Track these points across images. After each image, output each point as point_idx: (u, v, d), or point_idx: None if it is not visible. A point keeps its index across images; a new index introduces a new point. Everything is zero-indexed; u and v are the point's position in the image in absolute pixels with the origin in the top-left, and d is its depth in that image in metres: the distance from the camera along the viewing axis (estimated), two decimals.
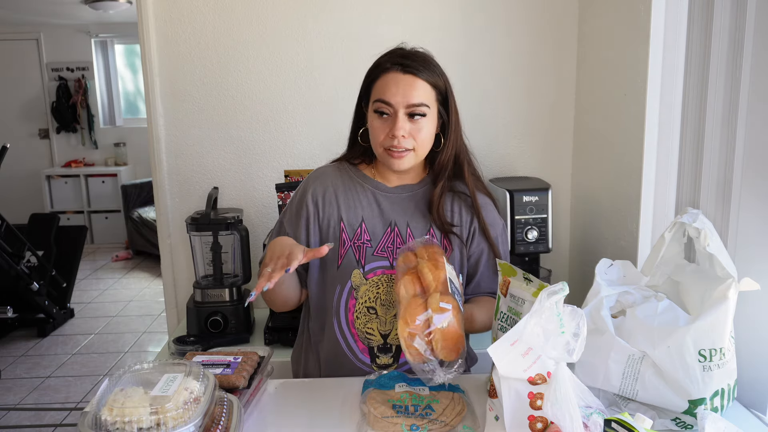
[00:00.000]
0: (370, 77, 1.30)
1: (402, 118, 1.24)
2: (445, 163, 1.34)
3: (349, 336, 1.33)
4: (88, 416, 0.86)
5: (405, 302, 1.09)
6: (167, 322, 2.14)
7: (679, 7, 1.36)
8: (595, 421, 0.93)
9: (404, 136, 1.25)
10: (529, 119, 1.99)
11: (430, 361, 1.05)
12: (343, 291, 1.32)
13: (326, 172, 1.40)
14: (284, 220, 1.39)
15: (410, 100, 1.24)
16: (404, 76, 1.24)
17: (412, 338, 1.05)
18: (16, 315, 3.79)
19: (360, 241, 1.33)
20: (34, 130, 6.41)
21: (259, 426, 1.07)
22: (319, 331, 1.37)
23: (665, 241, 1.18)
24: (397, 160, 1.28)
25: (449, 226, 1.33)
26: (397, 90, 1.24)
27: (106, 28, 6.19)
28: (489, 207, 1.38)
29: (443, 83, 1.29)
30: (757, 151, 1.17)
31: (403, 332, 1.06)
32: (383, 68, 1.27)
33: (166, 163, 2.00)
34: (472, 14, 1.93)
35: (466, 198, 1.36)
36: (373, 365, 1.32)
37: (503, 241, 1.40)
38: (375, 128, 1.28)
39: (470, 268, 1.37)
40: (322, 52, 1.94)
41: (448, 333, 1.05)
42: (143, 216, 5.66)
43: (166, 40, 1.94)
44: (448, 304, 1.05)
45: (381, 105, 1.25)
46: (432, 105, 1.27)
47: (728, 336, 1.02)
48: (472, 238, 1.36)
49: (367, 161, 1.40)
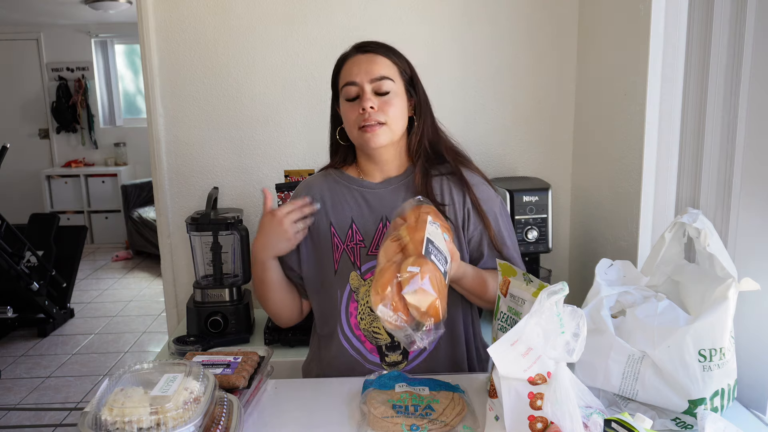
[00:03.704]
0: (336, 71, 1.35)
1: (368, 91, 1.27)
2: (418, 143, 1.34)
3: (354, 339, 1.32)
4: (88, 416, 0.86)
5: (379, 271, 1.05)
6: (167, 322, 2.14)
7: (679, 7, 1.36)
8: (595, 421, 0.93)
9: (373, 107, 1.26)
10: (529, 119, 1.99)
11: (403, 328, 1.01)
12: (343, 295, 1.32)
13: (313, 181, 1.42)
14: None
15: (372, 74, 1.27)
16: (364, 55, 1.30)
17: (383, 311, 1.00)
18: (16, 315, 3.79)
19: (353, 243, 1.33)
20: (34, 130, 6.42)
21: (259, 426, 1.07)
22: (327, 339, 1.36)
23: (665, 241, 1.18)
24: (371, 135, 1.27)
25: (438, 206, 1.28)
26: (360, 69, 1.28)
27: (106, 28, 6.20)
28: (481, 185, 1.35)
29: (406, 64, 1.33)
30: (757, 152, 1.17)
31: (375, 303, 1.01)
32: (343, 57, 1.33)
33: (166, 163, 2.00)
34: (473, 14, 1.93)
35: (454, 179, 1.34)
36: (383, 364, 1.31)
37: (504, 218, 1.36)
38: (347, 113, 1.30)
39: (473, 251, 1.34)
40: (322, 53, 1.94)
41: (419, 296, 1.00)
42: (143, 216, 5.66)
43: (166, 40, 1.94)
44: (415, 267, 1.00)
45: (348, 88, 1.29)
46: (396, 79, 1.30)
47: (728, 336, 1.02)
48: (468, 218, 1.33)
49: (350, 162, 1.41)
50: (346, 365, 1.32)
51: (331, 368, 1.34)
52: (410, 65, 1.34)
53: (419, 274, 1.00)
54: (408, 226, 1.09)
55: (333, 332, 1.34)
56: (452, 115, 1.88)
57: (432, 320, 1.01)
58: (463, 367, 1.35)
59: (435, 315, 1.01)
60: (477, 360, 1.39)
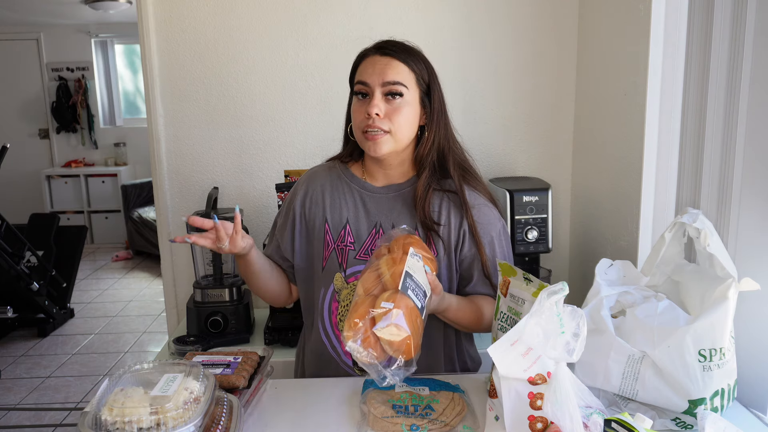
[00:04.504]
0: (354, 67, 1.32)
1: (377, 96, 1.23)
2: (425, 155, 1.29)
3: (333, 337, 1.33)
4: (88, 416, 0.86)
5: (354, 303, 1.04)
6: (167, 322, 2.14)
7: (679, 7, 1.36)
8: (595, 421, 0.93)
9: (378, 114, 1.22)
10: (529, 119, 1.99)
11: (374, 365, 0.99)
12: (326, 293, 1.33)
13: (317, 172, 1.41)
14: (277, 218, 1.43)
15: (385, 78, 1.23)
16: (381, 57, 1.26)
17: (352, 346, 0.99)
18: (16, 315, 3.79)
19: (343, 244, 1.32)
20: (34, 130, 6.41)
21: (259, 426, 1.07)
22: (309, 329, 1.39)
23: (665, 241, 1.18)
24: (372, 143, 1.23)
25: (432, 223, 1.27)
26: (374, 69, 1.24)
27: (106, 28, 6.20)
28: (483, 207, 1.30)
29: (425, 71, 1.28)
30: (757, 151, 1.17)
31: (347, 338, 0.99)
32: (363, 54, 1.30)
33: (166, 163, 2.00)
34: (473, 14, 1.93)
35: (456, 198, 1.30)
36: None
37: (502, 243, 1.32)
38: (354, 112, 1.28)
39: (464, 272, 1.32)
40: (322, 52, 1.94)
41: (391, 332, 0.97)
42: (143, 216, 5.66)
43: (166, 40, 1.94)
44: (389, 303, 0.98)
45: (359, 86, 1.26)
46: (411, 87, 1.25)
47: (728, 336, 1.02)
48: (463, 240, 1.30)
49: (356, 158, 1.39)
50: (322, 358, 1.34)
51: (312, 357, 1.37)
52: (430, 73, 1.28)
53: (393, 311, 0.98)
54: (389, 257, 1.07)
55: (314, 324, 1.36)
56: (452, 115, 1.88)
57: (403, 358, 0.99)
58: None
59: (407, 352, 0.99)
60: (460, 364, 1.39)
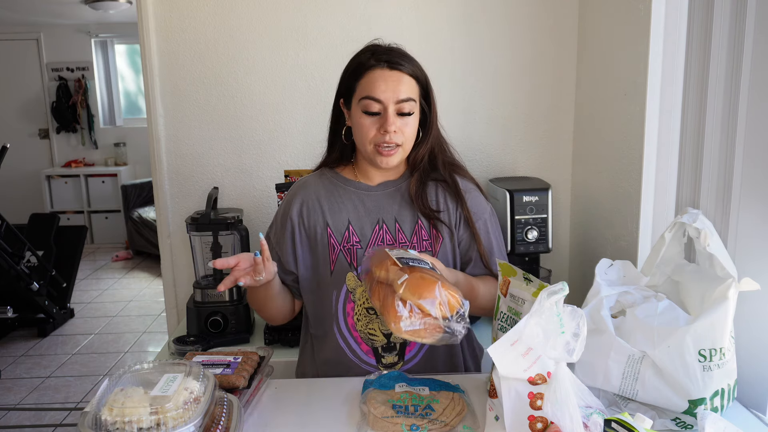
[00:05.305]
0: (354, 75, 1.30)
1: (392, 113, 1.26)
2: (422, 156, 1.36)
3: (351, 340, 1.32)
4: (88, 416, 0.86)
5: (379, 310, 1.06)
6: (167, 322, 2.14)
7: (679, 7, 1.36)
8: (595, 421, 0.93)
9: (395, 131, 1.26)
10: (529, 119, 1.99)
11: (436, 328, 1.01)
12: (339, 296, 1.32)
13: (308, 181, 1.41)
14: (270, 233, 1.41)
15: (399, 96, 1.25)
16: (391, 72, 1.26)
17: (409, 327, 1.01)
18: (16, 315, 3.79)
19: (349, 244, 1.33)
20: (34, 130, 6.41)
21: (259, 426, 1.07)
22: (321, 339, 1.37)
23: (665, 241, 1.18)
24: (386, 158, 1.29)
25: (434, 213, 1.33)
26: (386, 86, 1.25)
27: (106, 28, 6.20)
28: (473, 193, 1.38)
29: (424, 76, 1.32)
30: (757, 151, 1.17)
31: (399, 331, 1.01)
32: (368, 66, 1.28)
33: (166, 163, 2.00)
34: (473, 14, 1.93)
35: (448, 185, 1.37)
36: (379, 365, 1.31)
37: (492, 225, 1.39)
38: (364, 126, 1.28)
39: (462, 255, 1.37)
40: (322, 52, 1.94)
41: (423, 288, 1.00)
42: (143, 216, 5.66)
43: (166, 40, 1.94)
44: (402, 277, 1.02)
45: (370, 102, 1.26)
46: (416, 99, 1.29)
47: (728, 336, 1.02)
48: (460, 222, 1.36)
49: (345, 163, 1.40)
50: (342, 365, 1.32)
51: (327, 368, 1.35)
52: (427, 78, 1.33)
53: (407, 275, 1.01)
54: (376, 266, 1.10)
55: (328, 332, 1.34)
56: (452, 115, 1.89)
57: (450, 311, 1.01)
58: (459, 368, 1.35)
59: (450, 305, 1.01)
60: (471, 360, 1.41)
